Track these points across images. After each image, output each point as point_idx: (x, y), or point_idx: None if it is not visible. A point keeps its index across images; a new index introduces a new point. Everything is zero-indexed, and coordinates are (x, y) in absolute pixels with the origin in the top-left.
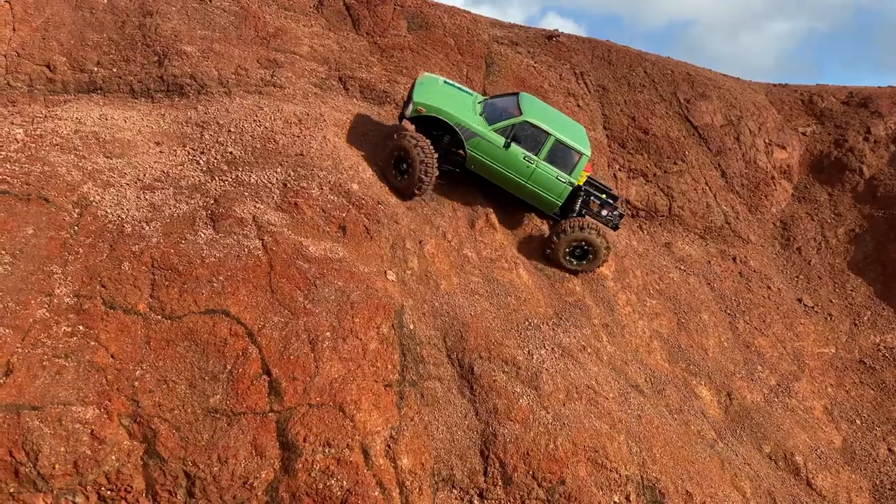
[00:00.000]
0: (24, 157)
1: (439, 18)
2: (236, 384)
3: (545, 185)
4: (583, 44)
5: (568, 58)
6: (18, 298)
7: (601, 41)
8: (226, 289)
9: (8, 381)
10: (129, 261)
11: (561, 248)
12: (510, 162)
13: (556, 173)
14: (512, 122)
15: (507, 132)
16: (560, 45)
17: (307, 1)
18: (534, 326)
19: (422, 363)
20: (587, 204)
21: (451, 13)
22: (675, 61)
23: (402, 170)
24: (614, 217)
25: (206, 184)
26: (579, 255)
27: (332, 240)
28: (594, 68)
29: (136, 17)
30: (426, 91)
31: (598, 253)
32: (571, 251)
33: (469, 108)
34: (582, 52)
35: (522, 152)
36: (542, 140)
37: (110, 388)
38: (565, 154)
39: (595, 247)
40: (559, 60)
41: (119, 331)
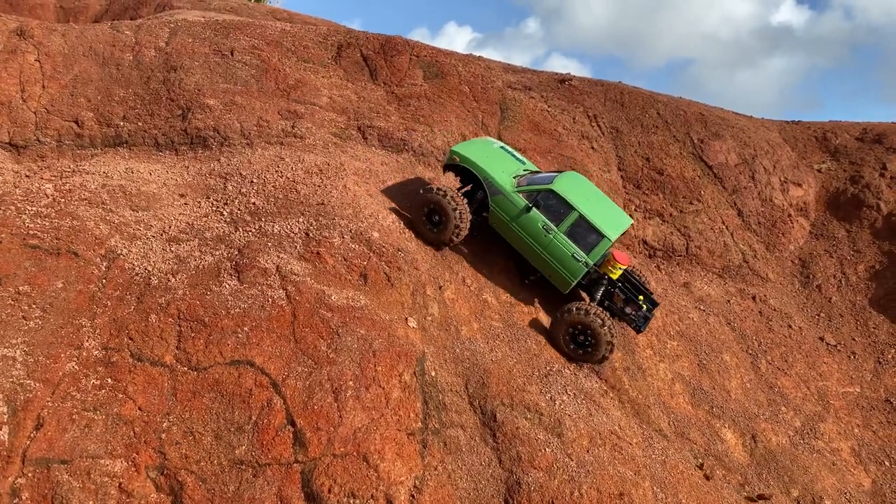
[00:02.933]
0: (53, 212)
1: (454, 67)
2: (261, 435)
3: (559, 258)
4: (595, 86)
5: (581, 101)
6: (49, 352)
7: (613, 83)
8: (251, 339)
9: (38, 435)
10: (155, 313)
11: (560, 329)
12: (528, 227)
13: (574, 250)
14: (539, 187)
15: (532, 197)
16: (573, 89)
17: (325, 53)
18: (555, 371)
19: (444, 411)
20: (610, 296)
21: (466, 61)
22: (687, 101)
23: (434, 221)
24: (638, 317)
25: (231, 235)
26: (580, 343)
27: (353, 288)
28: (607, 110)
29: (160, 73)
30: (470, 145)
31: (598, 344)
32: (572, 336)
33: (506, 169)
34: (594, 94)
35: (542, 220)
36: (565, 213)
37: (138, 440)
38: (587, 233)
39: (596, 336)
40: (572, 104)
41: (146, 383)
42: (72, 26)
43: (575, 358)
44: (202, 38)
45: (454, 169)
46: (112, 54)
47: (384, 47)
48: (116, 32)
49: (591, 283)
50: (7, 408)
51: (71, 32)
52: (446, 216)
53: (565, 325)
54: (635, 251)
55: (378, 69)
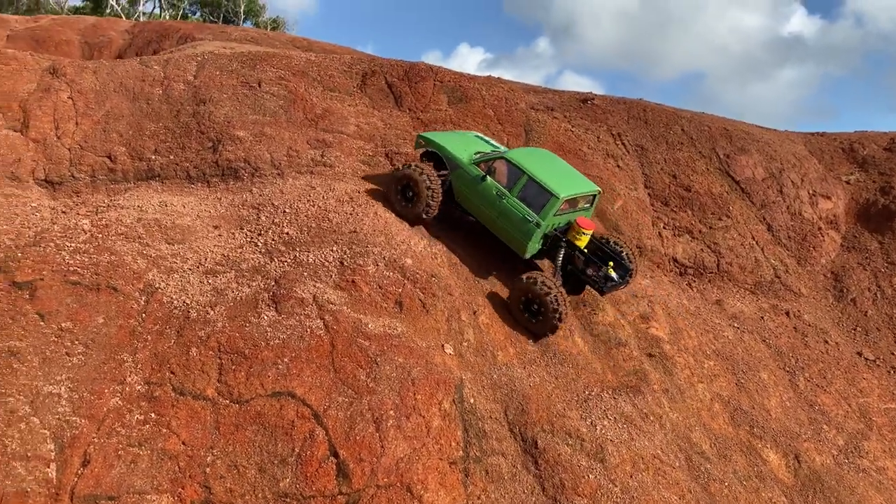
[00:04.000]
0: (92, 248)
1: (477, 91)
2: (305, 467)
3: (513, 222)
4: (617, 105)
5: (604, 119)
6: (93, 388)
7: (636, 101)
8: (291, 370)
9: (86, 472)
10: (196, 346)
11: (514, 297)
12: (484, 195)
13: (525, 212)
14: (493, 156)
15: (487, 166)
16: (595, 108)
17: (350, 81)
18: (594, 396)
19: (484, 438)
20: (571, 259)
21: (489, 85)
22: (711, 116)
23: (408, 197)
24: (599, 278)
25: (266, 265)
26: (534, 312)
27: (389, 316)
28: (631, 129)
29: (190, 106)
30: (441, 133)
31: (546, 313)
32: (525, 304)
33: (469, 148)
34: (617, 113)
35: (496, 187)
36: (517, 177)
37: (183, 475)
38: (538, 194)
39: (544, 305)
40: (595, 123)
41: (189, 417)
42: (102, 63)
43: (532, 329)
44: (229, 71)
45: (429, 158)
46: (142, 89)
47: (408, 74)
48: (145, 68)
49: (551, 247)
50: (54, 445)
51: (102, 69)
52: (418, 192)
53: (517, 295)
54: (666, 269)
55: (403, 95)
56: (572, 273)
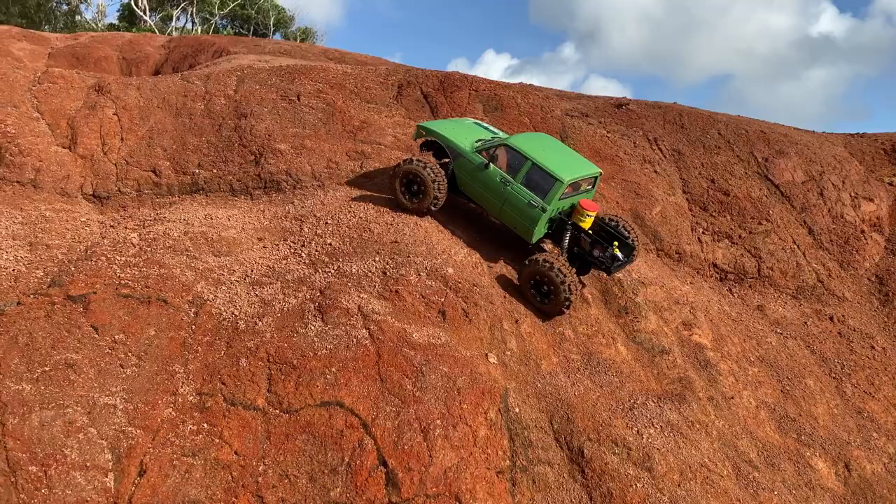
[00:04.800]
0: (141, 261)
1: (513, 99)
2: (355, 476)
3: (518, 208)
4: (653, 109)
5: (640, 125)
6: (146, 399)
7: (671, 105)
8: (338, 380)
9: (142, 482)
10: (245, 357)
11: (523, 279)
12: (489, 182)
13: (530, 197)
14: (494, 143)
15: (490, 153)
16: (630, 113)
17: (387, 93)
18: (640, 404)
19: (530, 447)
20: (577, 241)
21: (524, 92)
22: (748, 119)
23: (413, 192)
24: (605, 258)
25: (311, 276)
26: (544, 293)
27: (433, 325)
28: (667, 133)
29: (231, 120)
30: (440, 122)
31: (557, 293)
32: (535, 285)
33: (469, 136)
34: (653, 117)
35: (500, 174)
36: (520, 164)
37: (236, 484)
38: (542, 179)
39: (554, 285)
40: (631, 128)
41: (241, 427)
42: (145, 79)
43: (543, 310)
44: (269, 85)
45: (428, 147)
46: (184, 104)
47: (443, 84)
48: (187, 83)
49: (557, 230)
50: (111, 455)
51: (145, 85)
52: (425, 186)
53: (526, 277)
54: (706, 275)
55: (438, 105)
56: (579, 255)
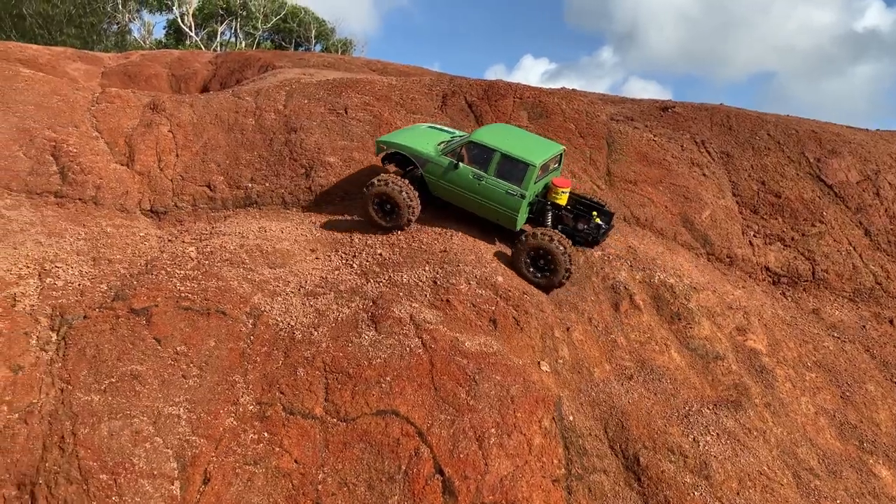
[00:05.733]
0: (199, 274)
1: (557, 105)
2: (412, 484)
3: (497, 200)
4: (699, 111)
5: (686, 127)
6: (209, 409)
7: (717, 107)
8: (393, 389)
9: (207, 490)
10: (302, 366)
11: (520, 256)
12: (462, 182)
13: (507, 187)
14: (459, 143)
15: (456, 153)
16: (676, 116)
17: (432, 103)
18: (695, 411)
19: (585, 456)
20: (560, 220)
21: (569, 98)
22: (797, 119)
23: (387, 210)
24: (591, 230)
25: (363, 286)
26: (541, 267)
27: (485, 333)
28: (715, 136)
29: (281, 135)
30: (396, 133)
31: (557, 264)
32: (532, 261)
33: (430, 141)
34: (700, 120)
35: (471, 170)
36: (489, 157)
37: (297, 492)
38: (513, 167)
39: (554, 256)
40: (678, 131)
41: (300, 435)
42: (198, 97)
43: (540, 284)
44: (317, 99)
45: (390, 159)
46: (236, 120)
47: (487, 92)
48: (238, 99)
49: (539, 213)
50: (177, 463)
51: (198, 102)
52: (397, 203)
53: (523, 253)
54: (758, 279)
55: (483, 114)
56: (564, 231)
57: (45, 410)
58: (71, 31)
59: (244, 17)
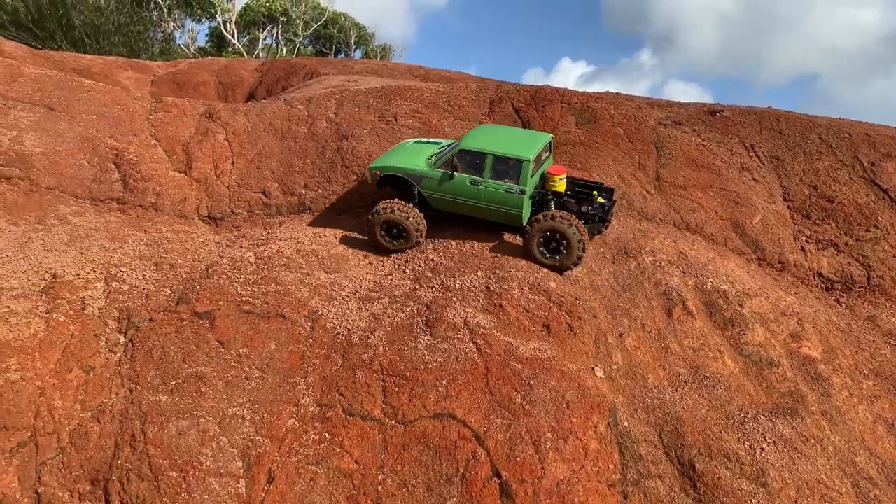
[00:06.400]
0: (259, 279)
1: (605, 110)
2: (470, 487)
3: (499, 201)
4: (748, 115)
5: (735, 132)
6: (271, 409)
7: (767, 110)
8: (450, 392)
9: (271, 489)
10: (360, 369)
11: (533, 239)
12: (461, 191)
13: (506, 186)
14: (451, 153)
15: (449, 164)
16: (725, 119)
17: (479, 109)
18: (751, 418)
19: (640, 461)
20: (564, 206)
21: (617, 103)
22: (850, 122)
23: (394, 235)
24: (597, 210)
25: (416, 291)
26: (553, 249)
27: (538, 339)
28: (764, 140)
29: (333, 142)
30: (384, 155)
31: (570, 245)
32: (544, 243)
33: (420, 155)
34: (749, 123)
35: (468, 177)
36: (482, 161)
37: (358, 492)
38: (508, 166)
39: (567, 238)
40: (726, 135)
41: (360, 437)
42: (252, 105)
43: (553, 266)
44: (367, 107)
45: (385, 183)
46: (289, 128)
47: (535, 98)
48: (290, 108)
49: (541, 204)
50: (242, 462)
51: (252, 111)
52: (405, 227)
53: (536, 236)
54: (811, 285)
55: (531, 119)
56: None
57: (116, 410)
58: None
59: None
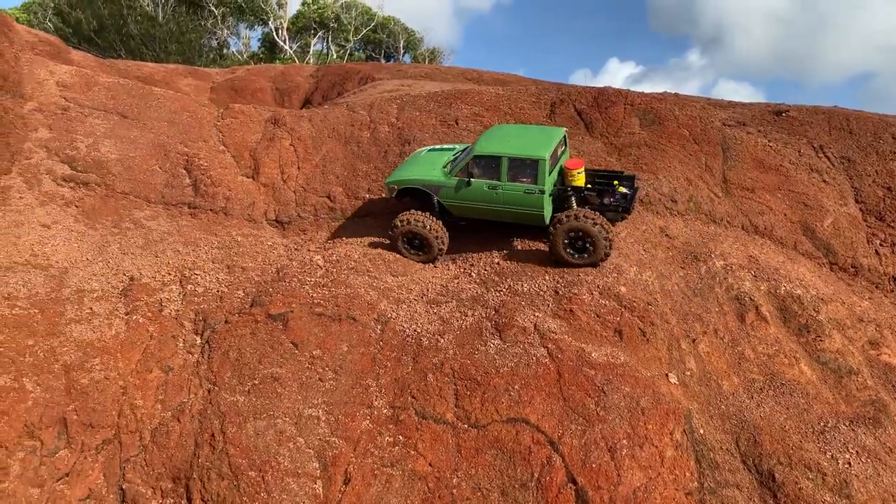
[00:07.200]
0: (329, 282)
1: (670, 111)
2: (545, 492)
3: (519, 203)
4: (816, 115)
5: (803, 132)
6: (346, 411)
7: (836, 109)
8: (522, 397)
9: (348, 490)
10: (431, 372)
11: (558, 239)
12: (480, 196)
13: (524, 187)
14: (465, 160)
15: (465, 171)
16: (791, 120)
17: (540, 112)
18: (831, 427)
19: (717, 469)
20: (585, 200)
21: (682, 104)
22: None
23: (416, 246)
24: (619, 200)
25: (483, 295)
26: (579, 248)
27: (610, 344)
28: (834, 140)
29: (396, 146)
30: (400, 168)
31: (597, 244)
32: (570, 242)
33: (435, 165)
34: (817, 123)
35: (485, 182)
36: (497, 165)
37: (432, 495)
38: (524, 167)
39: (593, 237)
40: (794, 136)
41: (433, 440)
42: (316, 111)
43: (580, 264)
44: (427, 111)
45: (404, 195)
46: (352, 133)
47: (597, 100)
48: (353, 113)
49: (562, 200)
50: (318, 463)
51: (316, 117)
52: (426, 238)
53: (561, 236)
54: (885, 290)
55: (593, 122)
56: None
57: (195, 409)
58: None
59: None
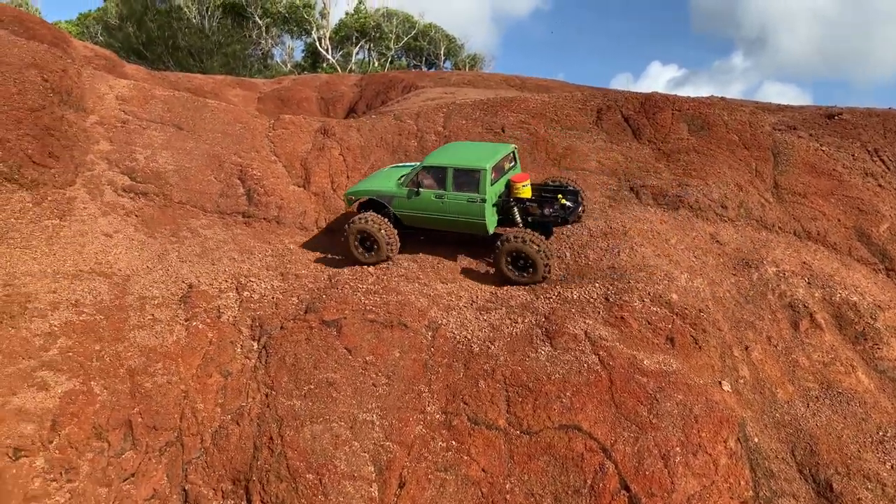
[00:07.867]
0: (380, 289)
1: (719, 116)
2: (598, 499)
3: (462, 211)
4: (869, 118)
5: (856, 136)
6: (399, 416)
7: (891, 112)
8: (574, 404)
9: (403, 493)
10: (483, 379)
11: (501, 257)
12: (428, 206)
13: (467, 196)
14: (414, 171)
15: (414, 181)
16: (844, 123)
17: (586, 118)
18: (890, 437)
19: (772, 479)
20: (527, 211)
21: (730, 109)
22: None
23: (367, 247)
24: (559, 213)
25: (533, 302)
26: (521, 267)
27: (662, 352)
28: (889, 143)
29: None
30: (362, 181)
31: (536, 265)
32: (512, 261)
33: (391, 177)
34: (870, 126)
35: (432, 192)
36: (443, 175)
37: (486, 500)
38: (468, 177)
39: (532, 259)
40: (846, 139)
41: (485, 445)
42: (363, 121)
43: (521, 281)
44: (473, 119)
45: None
46: (399, 142)
47: (644, 106)
48: (400, 122)
49: (506, 211)
50: (374, 467)
51: (364, 126)
52: (377, 239)
53: (504, 255)
54: None
55: (641, 128)
56: (535, 223)
57: (254, 413)
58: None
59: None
